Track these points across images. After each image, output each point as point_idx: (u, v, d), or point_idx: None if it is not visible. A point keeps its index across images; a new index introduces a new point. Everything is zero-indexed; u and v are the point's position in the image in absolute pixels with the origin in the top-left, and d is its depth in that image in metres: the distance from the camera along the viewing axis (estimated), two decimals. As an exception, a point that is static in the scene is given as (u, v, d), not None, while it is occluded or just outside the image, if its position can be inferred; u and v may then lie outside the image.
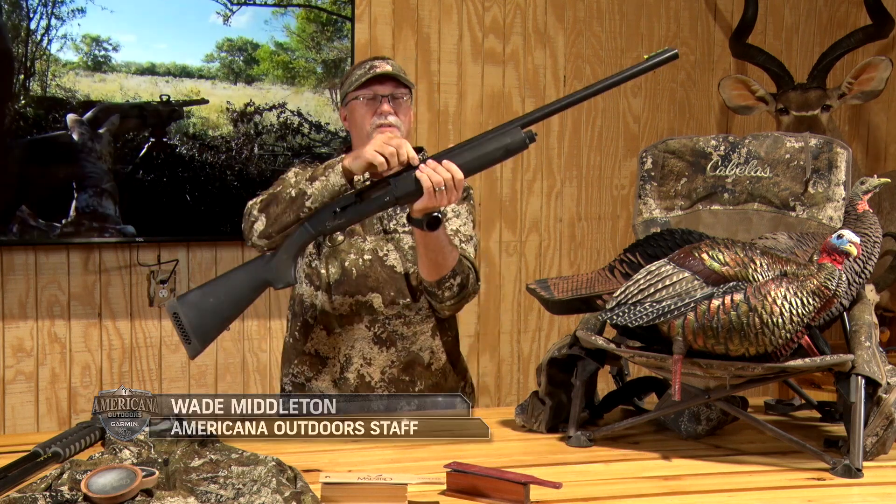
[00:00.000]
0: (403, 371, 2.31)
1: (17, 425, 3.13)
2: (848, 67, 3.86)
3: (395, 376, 2.31)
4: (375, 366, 2.30)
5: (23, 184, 2.97)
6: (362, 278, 2.28)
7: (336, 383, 2.32)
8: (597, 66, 3.94)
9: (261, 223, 2.09)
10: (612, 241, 4.03)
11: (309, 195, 2.00)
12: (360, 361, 2.30)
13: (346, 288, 2.28)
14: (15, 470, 1.64)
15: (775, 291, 1.74)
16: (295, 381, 2.38)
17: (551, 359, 2.06)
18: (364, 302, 2.28)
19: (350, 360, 2.30)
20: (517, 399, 3.70)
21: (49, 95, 2.96)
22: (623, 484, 1.74)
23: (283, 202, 2.04)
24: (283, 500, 1.49)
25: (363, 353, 2.30)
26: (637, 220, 2.20)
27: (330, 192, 1.99)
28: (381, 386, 2.30)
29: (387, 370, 2.30)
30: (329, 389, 2.32)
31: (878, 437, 1.85)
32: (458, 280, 2.23)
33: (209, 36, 3.17)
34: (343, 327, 2.29)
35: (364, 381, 2.30)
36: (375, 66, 2.29)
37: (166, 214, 3.17)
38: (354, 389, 2.30)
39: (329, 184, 1.99)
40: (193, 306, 1.91)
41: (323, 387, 2.33)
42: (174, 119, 3.13)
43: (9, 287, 3.10)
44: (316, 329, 2.32)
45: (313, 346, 2.33)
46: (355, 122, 2.29)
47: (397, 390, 2.31)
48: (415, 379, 2.32)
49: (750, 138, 2.14)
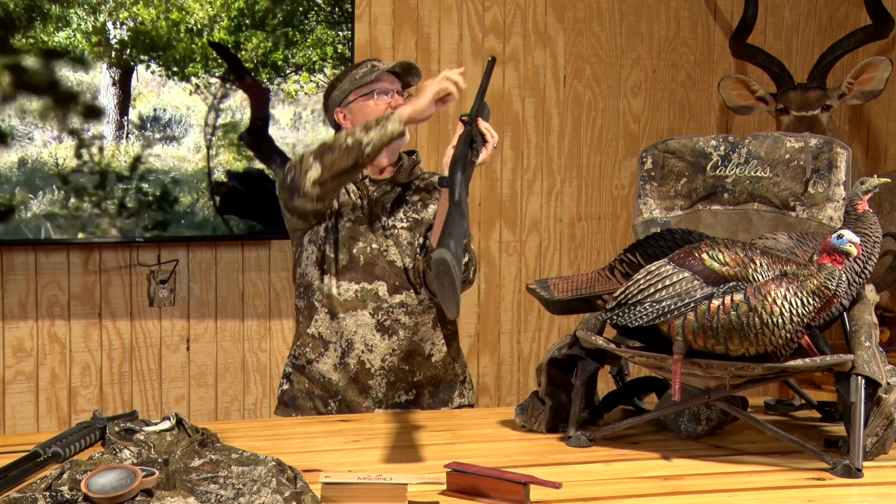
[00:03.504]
0: (404, 360, 2.33)
1: (17, 425, 3.13)
2: (848, 67, 3.86)
3: (395, 365, 2.33)
4: (376, 353, 2.33)
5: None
6: (369, 266, 2.33)
7: (336, 367, 2.34)
8: (597, 66, 3.94)
9: (315, 170, 2.17)
10: (612, 241, 4.03)
11: (367, 142, 2.13)
12: (362, 347, 2.32)
13: (352, 275, 2.33)
14: (15, 470, 1.64)
15: (775, 291, 1.74)
16: (296, 363, 2.40)
17: (551, 359, 2.06)
18: (370, 290, 2.32)
19: (352, 346, 2.33)
20: (517, 399, 3.71)
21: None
22: (623, 484, 1.74)
23: (339, 150, 2.15)
24: (283, 500, 1.49)
25: (365, 339, 2.32)
26: (637, 220, 2.20)
27: (388, 138, 2.15)
28: (381, 373, 2.33)
29: (387, 358, 2.33)
30: (330, 373, 2.35)
31: (878, 437, 1.85)
32: (466, 258, 2.27)
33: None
34: (347, 312, 2.32)
35: (364, 367, 2.32)
36: (376, 65, 2.38)
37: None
38: (354, 375, 2.33)
39: (387, 132, 2.15)
40: (456, 256, 1.70)
41: (324, 370, 2.36)
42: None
43: (9, 287, 3.10)
44: (321, 312, 2.35)
45: (317, 328, 2.36)
46: (361, 119, 2.33)
47: (396, 379, 2.34)
48: (414, 369, 2.35)
49: (750, 138, 2.14)
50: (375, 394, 2.34)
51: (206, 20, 3.18)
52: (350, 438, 2.05)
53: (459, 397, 2.44)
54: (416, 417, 2.26)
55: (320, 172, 2.17)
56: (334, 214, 2.35)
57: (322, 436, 2.07)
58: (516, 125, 3.81)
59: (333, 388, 2.35)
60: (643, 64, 4.03)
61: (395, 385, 2.34)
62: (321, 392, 2.37)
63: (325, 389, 2.36)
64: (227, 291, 3.39)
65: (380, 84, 2.35)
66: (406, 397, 2.35)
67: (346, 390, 2.34)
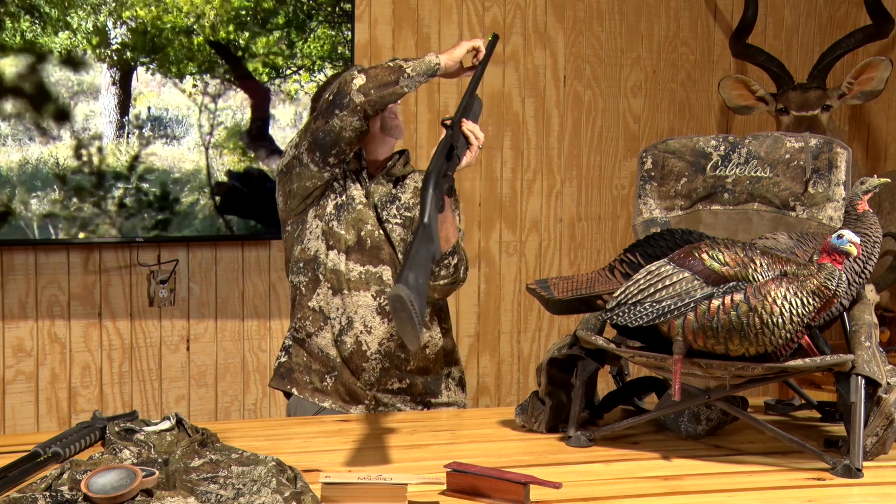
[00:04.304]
0: (400, 347, 2.34)
1: (17, 425, 3.13)
2: (848, 67, 3.86)
3: (391, 350, 2.34)
4: (374, 335, 2.33)
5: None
6: (375, 250, 2.35)
7: (335, 343, 2.35)
8: (597, 66, 3.94)
9: (360, 79, 2.24)
10: (612, 241, 4.03)
11: (407, 66, 2.24)
12: (361, 328, 2.33)
13: (358, 256, 2.34)
14: (15, 470, 1.64)
15: (775, 291, 1.74)
16: (296, 336, 2.41)
17: (551, 359, 2.06)
18: (375, 273, 2.34)
19: (351, 324, 2.34)
20: (517, 399, 3.71)
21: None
22: (623, 484, 1.74)
23: (382, 67, 2.26)
24: (283, 500, 1.49)
25: (365, 320, 2.33)
26: (637, 220, 2.20)
27: (425, 68, 2.25)
28: (377, 357, 2.34)
29: (384, 342, 2.34)
30: (328, 347, 2.36)
31: (878, 437, 1.85)
32: (455, 260, 2.29)
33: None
34: (350, 291, 2.33)
35: (360, 348, 2.33)
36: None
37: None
38: (350, 354, 2.34)
39: (425, 62, 2.25)
40: (416, 290, 1.72)
41: (322, 343, 2.36)
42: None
43: (9, 287, 3.10)
44: (324, 286, 2.36)
45: (318, 302, 2.37)
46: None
47: (391, 365, 2.35)
48: (409, 357, 2.36)
49: (750, 138, 2.14)
50: (369, 377, 2.34)
51: (207, 20, 3.18)
52: (350, 438, 2.05)
53: (446, 390, 2.43)
54: (416, 417, 2.26)
55: (365, 81, 2.24)
56: (345, 192, 2.35)
57: (322, 436, 2.07)
58: (516, 125, 3.81)
59: (331, 363, 2.36)
60: (643, 64, 4.03)
61: (389, 371, 2.35)
62: (319, 367, 2.37)
63: (323, 364, 2.37)
64: (227, 291, 3.39)
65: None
66: (399, 385, 2.36)
67: (342, 368, 2.35)
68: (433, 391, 2.41)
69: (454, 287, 2.36)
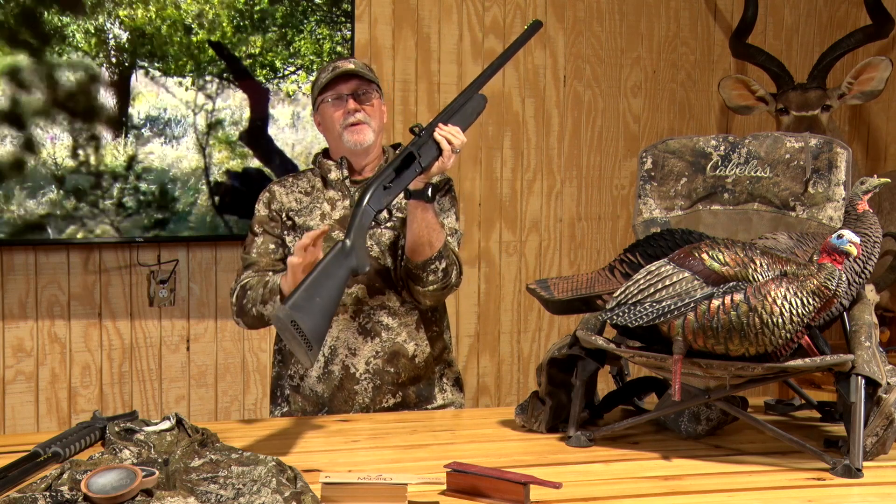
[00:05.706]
0: (388, 362, 2.30)
1: (17, 425, 3.13)
2: (848, 67, 3.86)
3: (379, 367, 2.30)
4: (360, 356, 2.29)
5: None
6: None
7: (321, 379, 2.31)
8: (597, 66, 3.94)
9: (235, 308, 2.29)
10: (612, 241, 4.03)
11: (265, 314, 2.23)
12: (345, 352, 2.30)
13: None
14: (15, 470, 1.64)
15: (775, 291, 1.74)
16: (291, 385, 2.37)
17: (551, 359, 2.06)
18: (349, 293, 2.27)
19: (335, 352, 2.30)
20: (517, 399, 3.70)
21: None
22: (623, 484, 1.74)
23: (253, 303, 2.25)
24: (283, 500, 1.49)
25: (347, 343, 2.29)
26: (637, 220, 2.20)
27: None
28: (366, 377, 2.30)
29: (371, 361, 2.30)
30: (315, 385, 2.32)
31: (878, 437, 1.85)
32: (443, 265, 2.23)
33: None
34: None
35: (349, 372, 2.29)
36: (338, 65, 2.32)
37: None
38: (339, 382, 2.30)
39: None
40: (306, 311, 1.78)
41: (310, 384, 2.32)
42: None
43: (9, 287, 3.10)
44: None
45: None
46: (326, 124, 2.34)
47: (382, 382, 2.31)
48: (399, 371, 2.31)
49: (750, 138, 2.14)
50: (362, 399, 2.30)
51: (205, 20, 3.18)
52: (350, 438, 2.05)
53: (441, 392, 2.38)
54: (415, 417, 2.26)
55: (238, 315, 2.29)
56: (298, 228, 2.32)
57: (322, 436, 2.07)
58: (516, 125, 3.81)
59: (320, 400, 2.32)
60: (643, 64, 4.03)
61: (382, 389, 2.30)
62: (311, 408, 2.33)
63: (314, 404, 2.33)
64: (227, 291, 3.38)
65: (333, 90, 2.29)
66: (393, 400, 2.32)
67: (331, 400, 2.31)
68: (426, 397, 2.36)
69: (446, 292, 2.29)
